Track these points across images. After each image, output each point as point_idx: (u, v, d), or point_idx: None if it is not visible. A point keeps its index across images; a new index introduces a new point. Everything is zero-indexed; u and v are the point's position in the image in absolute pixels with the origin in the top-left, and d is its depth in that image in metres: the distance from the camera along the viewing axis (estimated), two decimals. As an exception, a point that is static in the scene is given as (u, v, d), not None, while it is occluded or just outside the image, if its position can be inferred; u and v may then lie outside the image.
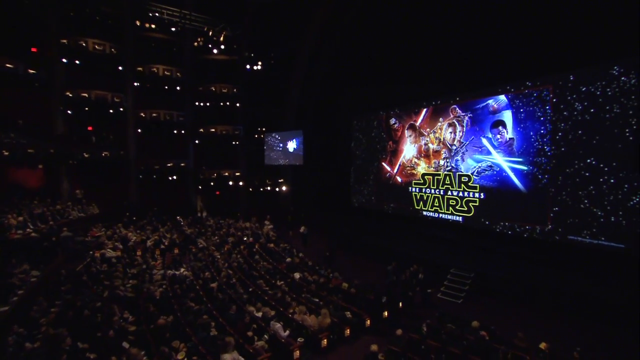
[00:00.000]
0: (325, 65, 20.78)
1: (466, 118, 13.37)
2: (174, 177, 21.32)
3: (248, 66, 22.26)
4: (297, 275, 9.87)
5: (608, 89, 9.52)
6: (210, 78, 21.88)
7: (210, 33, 17.24)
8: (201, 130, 21.96)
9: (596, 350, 5.93)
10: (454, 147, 13.90)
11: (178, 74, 20.78)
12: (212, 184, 22.61)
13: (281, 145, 22.30)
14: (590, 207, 9.83)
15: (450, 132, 14.06)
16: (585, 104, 9.95)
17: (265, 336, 6.55)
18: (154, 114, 20.01)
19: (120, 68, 18.69)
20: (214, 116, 22.49)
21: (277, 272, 10.27)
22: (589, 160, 9.89)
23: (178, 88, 21.04)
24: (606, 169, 9.55)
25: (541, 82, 11.00)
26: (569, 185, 10.31)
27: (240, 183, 22.93)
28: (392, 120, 17.08)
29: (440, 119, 14.49)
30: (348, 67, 18.72)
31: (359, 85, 18.58)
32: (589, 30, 9.63)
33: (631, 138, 9.10)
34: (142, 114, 19.92)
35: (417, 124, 15.63)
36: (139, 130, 20.20)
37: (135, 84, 19.57)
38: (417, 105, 15.62)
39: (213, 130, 22.05)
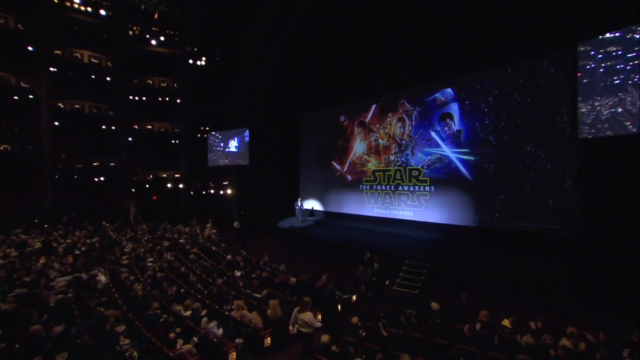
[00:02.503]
0: (273, 62, 20.06)
1: (415, 112, 13.48)
2: (102, 179, 18.61)
3: (191, 61, 20.73)
4: (238, 273, 8.65)
5: (541, 81, 10.11)
6: (148, 70, 19.85)
7: (143, 7, 15.46)
8: (136, 126, 19.65)
9: (554, 322, 5.70)
10: (404, 142, 13.90)
11: (108, 62, 18.49)
12: (147, 186, 20.19)
13: (222, 144, 20.83)
14: (532, 192, 10.19)
15: (400, 127, 14.08)
16: (523, 94, 10.46)
17: (195, 338, 5.27)
18: (77, 105, 17.38)
19: (30, 49, 15.94)
20: (151, 112, 20.34)
21: (215, 271, 8.91)
22: (528, 148, 10.31)
23: (108, 78, 18.67)
24: (543, 155, 10.01)
25: (484, 75, 11.43)
26: (512, 173, 10.64)
27: (180, 186, 20.82)
28: (342, 118, 16.80)
29: (390, 115, 14.49)
30: (296, 65, 18.22)
31: (308, 82, 18.11)
32: (524, 26, 10.20)
33: (562, 125, 9.66)
34: (60, 105, 17.16)
35: (367, 120, 15.50)
36: (56, 123, 17.33)
37: (52, 69, 16.86)
38: (366, 102, 15.53)
39: (150, 127, 19.88)
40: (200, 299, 6.60)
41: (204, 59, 21.02)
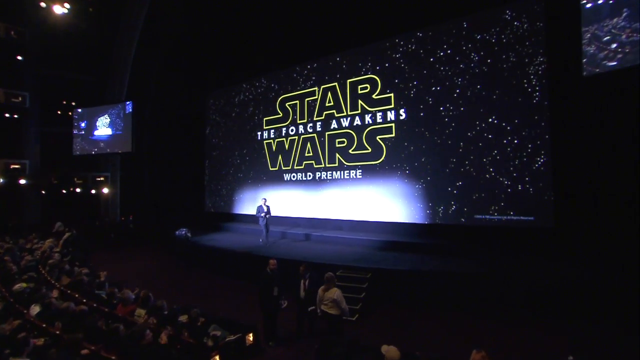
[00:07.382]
0: (172, 23, 15.44)
1: (346, 83, 10.60)
2: None
3: (44, 4, 14.69)
4: (36, 309, 4.26)
5: (502, 36, 8.06)
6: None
7: None
8: None
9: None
10: (334, 120, 10.88)
11: None
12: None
13: (84, 124, 15.25)
14: (496, 175, 7.97)
15: (328, 101, 11.05)
16: (482, 53, 8.29)
17: None
18: None
19: None
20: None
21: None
22: (490, 120, 8.11)
23: None
24: (509, 127, 7.88)
25: (433, 32, 9.07)
26: (471, 153, 8.32)
27: (22, 181, 14.38)
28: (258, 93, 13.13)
29: (316, 88, 11.37)
30: (203, 31, 14.02)
31: (219, 53, 13.96)
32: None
33: (530, 90, 7.67)
34: None
35: (289, 95, 12.13)
36: None
37: None
38: (289, 73, 12.17)
39: (-36, 90, 13.20)
40: None
41: (67, 5, 15.13)
